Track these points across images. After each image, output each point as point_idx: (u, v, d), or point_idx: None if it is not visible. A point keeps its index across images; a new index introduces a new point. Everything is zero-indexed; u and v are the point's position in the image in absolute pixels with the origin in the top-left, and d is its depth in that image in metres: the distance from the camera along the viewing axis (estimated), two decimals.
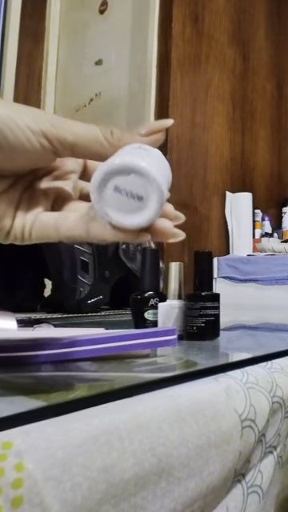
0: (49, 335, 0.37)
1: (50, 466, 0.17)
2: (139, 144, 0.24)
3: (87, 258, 0.73)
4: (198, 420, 0.25)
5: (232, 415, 0.27)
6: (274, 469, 0.31)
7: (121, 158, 0.22)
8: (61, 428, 0.18)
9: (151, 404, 0.23)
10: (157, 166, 0.23)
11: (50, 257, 0.72)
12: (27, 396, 0.22)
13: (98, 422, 0.20)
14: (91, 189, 0.22)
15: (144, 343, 0.34)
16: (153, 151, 0.24)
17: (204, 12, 1.60)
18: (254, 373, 0.32)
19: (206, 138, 1.60)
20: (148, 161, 0.22)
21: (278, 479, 0.33)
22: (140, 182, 0.22)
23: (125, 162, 0.22)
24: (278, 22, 1.99)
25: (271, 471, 0.30)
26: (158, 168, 0.23)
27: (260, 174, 1.87)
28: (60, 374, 0.29)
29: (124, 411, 0.21)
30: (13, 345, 0.30)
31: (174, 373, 0.32)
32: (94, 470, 0.18)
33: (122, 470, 0.19)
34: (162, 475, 0.21)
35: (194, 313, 0.46)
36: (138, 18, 1.55)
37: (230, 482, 0.26)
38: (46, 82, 1.79)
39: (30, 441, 0.17)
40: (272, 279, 1.45)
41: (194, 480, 0.23)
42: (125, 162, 0.22)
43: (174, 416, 0.23)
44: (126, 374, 0.30)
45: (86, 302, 0.74)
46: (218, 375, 0.30)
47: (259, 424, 0.30)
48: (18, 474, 0.16)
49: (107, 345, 0.32)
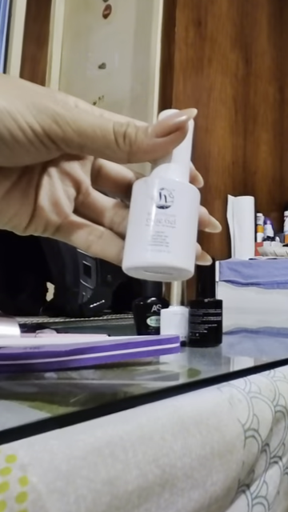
0: (52, 342, 0.37)
1: (54, 478, 0.17)
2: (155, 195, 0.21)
3: (90, 262, 0.73)
4: (201, 430, 0.25)
5: (235, 425, 0.27)
6: (281, 480, 0.31)
7: (136, 258, 0.21)
8: (64, 440, 0.18)
9: (154, 414, 0.23)
10: (181, 242, 0.22)
11: (52, 261, 0.72)
12: (30, 406, 0.22)
13: (102, 433, 0.20)
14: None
15: (147, 351, 0.34)
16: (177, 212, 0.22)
17: (207, 16, 1.60)
18: (257, 382, 0.32)
19: (209, 142, 1.60)
20: (172, 250, 0.21)
21: (285, 490, 0.32)
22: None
23: (150, 263, 0.21)
24: (281, 25, 1.99)
25: (277, 482, 0.30)
26: (182, 242, 0.22)
27: (262, 177, 1.87)
28: (63, 381, 0.29)
29: (127, 422, 0.21)
30: (16, 352, 0.30)
31: (176, 382, 0.32)
32: (98, 482, 0.18)
33: (125, 482, 0.19)
34: (166, 486, 0.21)
35: (197, 319, 0.46)
36: (142, 22, 1.56)
37: (234, 493, 0.26)
38: (50, 85, 1.80)
39: (33, 453, 0.17)
40: (274, 283, 1.45)
41: (198, 491, 0.23)
42: (150, 264, 0.21)
43: (177, 426, 0.23)
44: (129, 383, 0.30)
45: (88, 306, 0.74)
46: (220, 384, 0.30)
47: (262, 433, 0.29)
48: (23, 488, 0.16)
49: (110, 353, 0.32)
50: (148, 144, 0.21)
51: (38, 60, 1.77)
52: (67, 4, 1.85)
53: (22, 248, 0.81)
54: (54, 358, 0.30)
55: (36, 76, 1.76)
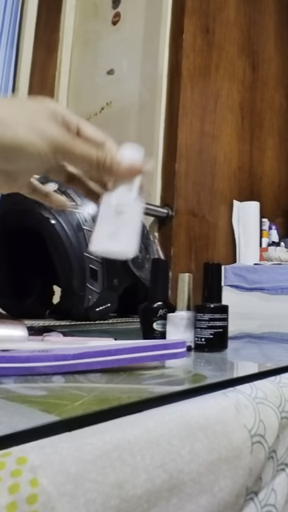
0: (59, 345, 0.37)
1: (63, 481, 0.17)
2: (116, 204, 0.35)
3: (96, 266, 0.73)
4: (208, 435, 0.25)
5: (242, 430, 0.27)
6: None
7: (98, 244, 0.35)
8: (74, 443, 0.19)
9: (162, 419, 0.23)
10: (127, 236, 0.35)
11: (59, 264, 0.72)
12: (39, 409, 0.23)
13: (110, 437, 0.20)
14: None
15: (153, 356, 0.34)
16: (127, 215, 0.35)
17: (215, 23, 1.62)
18: (263, 388, 0.32)
19: (215, 147, 1.61)
20: (121, 240, 0.35)
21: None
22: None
23: (102, 250, 0.36)
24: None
25: (285, 490, 0.30)
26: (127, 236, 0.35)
27: (268, 183, 1.87)
28: (70, 385, 0.29)
29: (135, 426, 0.22)
30: (25, 356, 0.31)
31: (183, 387, 0.32)
32: (106, 485, 0.18)
33: (134, 486, 0.19)
34: (174, 491, 0.21)
35: (203, 324, 0.46)
36: (150, 29, 1.57)
37: (243, 500, 0.26)
38: (59, 91, 1.82)
39: (43, 456, 0.17)
40: (278, 288, 1.44)
41: (206, 496, 0.23)
42: (102, 251, 0.36)
43: (184, 431, 0.23)
44: (135, 387, 0.30)
45: (94, 310, 0.74)
46: (226, 390, 0.30)
47: (269, 440, 0.29)
48: (33, 490, 0.16)
49: (117, 357, 0.32)
50: (116, 174, 0.35)
51: (47, 66, 1.79)
52: (77, 11, 1.87)
53: (29, 251, 0.81)
54: (62, 361, 0.31)
55: (45, 82, 1.78)
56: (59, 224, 0.71)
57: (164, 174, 1.46)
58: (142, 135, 1.53)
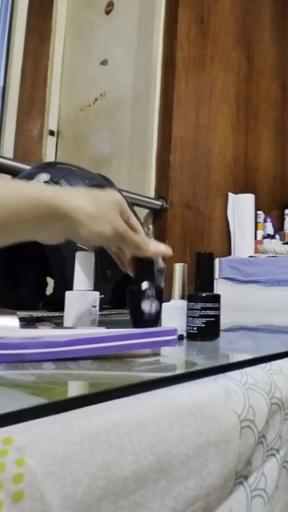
0: (50, 333, 0.37)
1: (50, 461, 0.17)
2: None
3: None
4: (196, 420, 0.25)
5: (231, 415, 0.28)
6: (279, 474, 0.31)
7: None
8: (61, 425, 0.19)
9: (150, 403, 0.23)
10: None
11: (52, 255, 0.72)
12: (28, 393, 0.23)
13: (98, 419, 0.20)
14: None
15: (144, 343, 0.34)
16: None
17: (209, 14, 1.60)
18: (253, 374, 0.33)
19: (210, 139, 1.60)
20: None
21: (285, 484, 0.32)
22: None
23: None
24: (284, 24, 1.99)
25: (275, 475, 0.30)
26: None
27: (263, 175, 1.87)
28: (61, 371, 0.29)
29: (123, 410, 0.22)
30: (15, 342, 0.30)
31: (173, 373, 0.32)
32: (93, 466, 0.18)
33: (121, 468, 0.19)
34: (162, 473, 0.21)
35: (195, 313, 0.46)
36: (144, 18, 1.55)
37: (232, 484, 0.27)
38: (52, 81, 1.80)
39: (30, 437, 0.17)
40: (273, 281, 1.45)
41: (194, 479, 0.23)
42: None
43: (173, 415, 0.24)
44: (126, 373, 0.30)
45: None
46: (217, 376, 0.30)
47: (258, 425, 0.30)
48: (19, 469, 0.16)
49: (108, 344, 0.32)
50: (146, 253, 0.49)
51: (40, 55, 1.77)
52: (70, 0, 1.85)
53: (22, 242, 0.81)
54: (52, 348, 0.31)
55: (38, 71, 1.76)
56: None
57: (158, 165, 1.46)
58: (136, 126, 1.52)
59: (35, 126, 1.71)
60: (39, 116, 1.73)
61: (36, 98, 1.73)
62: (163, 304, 0.50)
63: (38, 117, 1.72)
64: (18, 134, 1.64)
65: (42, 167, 0.79)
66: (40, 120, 1.72)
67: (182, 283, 0.49)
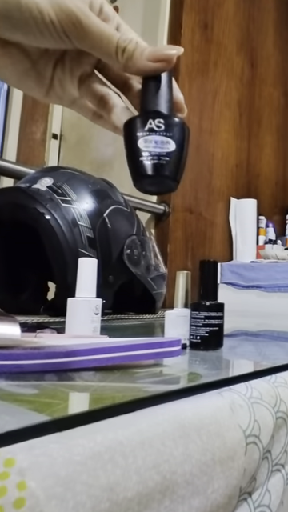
0: (52, 343, 0.36)
1: (53, 484, 0.16)
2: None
3: None
4: (202, 436, 0.24)
5: (236, 431, 0.27)
6: (284, 489, 0.31)
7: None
8: (64, 444, 0.18)
9: (155, 420, 0.23)
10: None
11: (54, 260, 0.72)
12: (29, 408, 0.22)
13: (102, 438, 0.19)
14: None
15: (148, 354, 0.33)
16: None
17: (213, 19, 1.60)
18: (258, 387, 0.32)
19: (213, 144, 1.60)
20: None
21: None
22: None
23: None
24: (287, 30, 1.99)
25: (280, 491, 0.29)
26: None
27: (265, 180, 1.86)
28: (63, 383, 0.29)
29: (128, 427, 0.21)
30: (15, 353, 0.30)
31: (177, 386, 0.31)
32: (97, 487, 0.18)
33: (125, 488, 0.19)
34: (166, 493, 0.21)
35: (198, 322, 0.46)
36: (148, 23, 1.56)
37: (236, 501, 0.26)
38: None
39: (32, 458, 0.17)
40: (275, 286, 1.44)
41: (198, 498, 0.22)
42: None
43: (178, 432, 0.23)
44: (129, 385, 0.30)
45: None
46: (221, 389, 0.30)
47: (264, 440, 0.29)
48: (21, 493, 0.15)
49: (111, 355, 0.32)
50: (140, 64, 0.27)
51: None
52: None
53: (24, 247, 0.81)
54: (54, 359, 0.30)
55: None
56: (54, 219, 0.70)
57: None
58: None
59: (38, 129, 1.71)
60: (42, 119, 1.73)
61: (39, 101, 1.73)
62: (166, 312, 0.49)
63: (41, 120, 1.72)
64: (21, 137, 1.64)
65: (45, 171, 0.79)
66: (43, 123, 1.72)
67: (185, 291, 0.49)
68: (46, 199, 0.71)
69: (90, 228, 0.73)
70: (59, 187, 0.73)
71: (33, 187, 0.74)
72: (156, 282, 0.88)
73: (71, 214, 0.72)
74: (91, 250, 0.73)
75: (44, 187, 0.73)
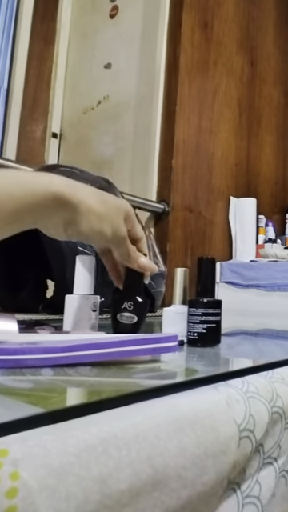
0: (49, 339, 0.37)
1: (45, 475, 0.17)
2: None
3: None
4: (196, 430, 0.24)
5: (231, 425, 0.27)
6: (276, 482, 0.31)
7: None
8: (58, 436, 0.18)
9: (150, 413, 0.23)
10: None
11: (53, 258, 0.72)
12: (25, 402, 0.22)
13: (97, 430, 0.20)
14: None
15: (144, 349, 0.33)
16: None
17: (213, 18, 1.60)
18: (255, 382, 0.32)
19: (212, 143, 1.60)
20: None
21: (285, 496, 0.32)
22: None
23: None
24: (287, 29, 1.99)
25: (271, 484, 0.30)
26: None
27: (265, 179, 1.86)
28: (59, 378, 0.29)
29: (122, 420, 0.21)
30: (12, 348, 0.30)
31: (173, 380, 0.32)
32: (89, 479, 0.18)
33: (117, 481, 0.19)
34: (158, 486, 0.21)
35: (196, 319, 0.46)
36: (148, 23, 1.56)
37: (222, 490, 0.26)
38: (55, 84, 1.80)
39: (26, 449, 0.17)
40: (274, 285, 1.44)
41: (187, 490, 0.23)
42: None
43: (172, 426, 0.23)
44: (125, 381, 0.30)
45: None
46: (218, 384, 0.30)
47: (257, 434, 0.29)
48: (13, 483, 0.16)
49: (107, 350, 0.32)
50: (130, 265, 0.48)
51: (44, 58, 1.77)
52: (74, 4, 1.85)
53: (23, 245, 0.81)
54: (51, 354, 0.30)
55: (42, 74, 1.77)
56: None
57: (161, 169, 1.46)
58: (139, 130, 1.52)
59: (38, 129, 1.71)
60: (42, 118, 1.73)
61: (39, 100, 1.73)
62: (164, 309, 0.49)
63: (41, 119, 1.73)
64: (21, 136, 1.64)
65: (44, 169, 0.79)
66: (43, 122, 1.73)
67: (182, 288, 0.49)
68: None
69: None
70: None
71: None
72: (155, 281, 0.88)
73: None
74: (90, 248, 0.73)
75: None
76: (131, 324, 0.47)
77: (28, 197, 0.36)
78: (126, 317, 0.47)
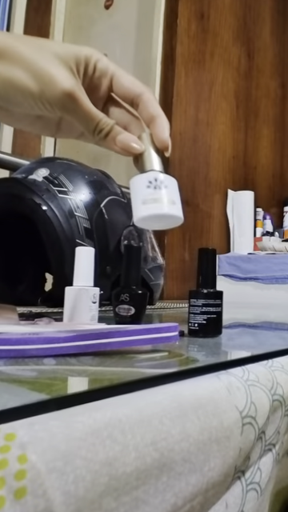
0: (50, 329, 0.37)
1: (53, 458, 0.17)
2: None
3: None
4: (199, 416, 0.25)
5: (233, 411, 0.27)
6: (273, 467, 0.31)
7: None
8: (64, 421, 0.19)
9: (153, 399, 0.23)
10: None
11: (51, 251, 0.72)
12: (29, 389, 0.22)
13: (101, 415, 0.20)
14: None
15: (146, 339, 0.34)
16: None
17: (210, 9, 1.59)
18: (255, 370, 0.32)
19: (209, 136, 1.59)
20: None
21: (273, 474, 0.33)
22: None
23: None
24: (284, 21, 1.98)
25: (269, 469, 0.30)
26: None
27: (262, 172, 1.86)
28: (62, 367, 0.29)
29: (127, 405, 0.21)
30: (15, 338, 0.30)
31: (175, 369, 0.32)
32: (96, 462, 0.18)
33: (124, 464, 0.19)
34: (164, 469, 0.21)
35: (196, 310, 0.46)
36: (144, 13, 1.54)
37: (231, 479, 0.26)
38: None
39: (33, 433, 0.17)
40: (272, 278, 1.45)
41: (195, 475, 0.23)
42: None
43: (175, 411, 0.23)
44: (127, 369, 0.30)
45: None
46: (219, 372, 0.30)
47: (259, 421, 0.30)
48: (22, 466, 0.16)
49: (109, 340, 0.32)
50: (108, 145, 0.32)
51: None
52: None
53: (22, 238, 0.81)
54: (53, 344, 0.30)
55: None
56: (51, 210, 0.70)
57: None
58: None
59: None
60: None
61: None
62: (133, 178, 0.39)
63: None
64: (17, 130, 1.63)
65: (41, 162, 0.79)
66: None
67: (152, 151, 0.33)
68: (42, 190, 0.71)
69: (87, 219, 0.73)
70: (55, 178, 0.73)
71: (29, 178, 0.74)
72: (153, 273, 0.88)
73: (68, 205, 0.72)
74: (88, 240, 0.73)
75: (40, 178, 0.73)
76: (129, 315, 0.47)
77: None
78: (123, 309, 0.47)
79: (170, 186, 0.31)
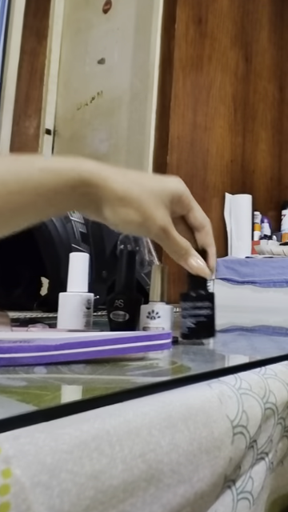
0: (43, 336, 0.37)
1: (38, 471, 0.17)
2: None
3: None
4: (189, 426, 0.25)
5: (224, 421, 0.27)
6: (266, 475, 0.31)
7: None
8: (50, 433, 0.18)
9: (142, 410, 0.23)
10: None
11: (47, 255, 0.72)
12: (18, 400, 0.22)
13: (89, 427, 0.20)
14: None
15: (138, 347, 0.34)
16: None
17: (207, 14, 1.60)
18: (248, 378, 0.32)
19: (207, 139, 1.60)
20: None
21: (267, 483, 0.33)
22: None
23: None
24: (281, 24, 1.99)
25: (262, 477, 0.30)
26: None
27: (260, 176, 1.87)
28: (52, 376, 0.29)
29: (115, 417, 0.21)
30: (6, 346, 0.30)
31: (166, 378, 0.32)
32: (82, 475, 0.18)
33: (111, 476, 0.19)
34: (152, 481, 0.21)
35: (186, 313, 0.46)
36: (142, 18, 1.55)
37: (220, 488, 0.26)
38: (49, 80, 1.79)
39: (18, 446, 0.17)
40: (270, 282, 1.45)
41: (184, 486, 0.23)
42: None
43: (165, 422, 0.23)
44: (119, 378, 0.30)
45: None
46: (210, 381, 0.30)
47: (251, 430, 0.30)
48: (6, 480, 0.16)
49: (101, 347, 0.32)
50: (180, 263, 0.42)
51: (37, 54, 1.76)
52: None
53: (17, 243, 0.80)
54: (44, 352, 0.30)
55: (35, 70, 1.75)
56: None
57: (155, 165, 1.46)
58: (134, 126, 1.52)
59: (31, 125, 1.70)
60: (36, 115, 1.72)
61: (32, 96, 1.72)
62: (142, 306, 0.48)
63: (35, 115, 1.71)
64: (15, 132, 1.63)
65: None
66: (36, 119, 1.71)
67: (161, 285, 0.49)
68: None
69: (83, 223, 0.73)
70: None
71: None
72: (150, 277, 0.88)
73: None
74: (84, 245, 0.73)
75: None
76: (124, 321, 0.47)
77: (53, 181, 0.33)
78: (117, 315, 0.47)
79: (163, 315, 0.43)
